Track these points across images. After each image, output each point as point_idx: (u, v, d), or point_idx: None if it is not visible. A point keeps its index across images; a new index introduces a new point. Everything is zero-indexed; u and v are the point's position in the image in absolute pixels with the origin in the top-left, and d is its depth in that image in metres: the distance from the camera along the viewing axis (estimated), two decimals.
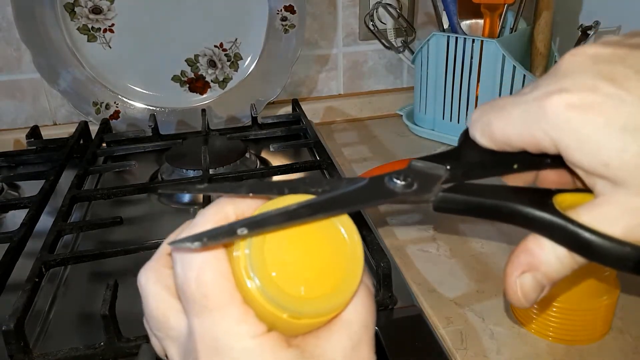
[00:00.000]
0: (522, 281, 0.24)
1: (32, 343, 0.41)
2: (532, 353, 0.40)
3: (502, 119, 0.24)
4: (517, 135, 0.24)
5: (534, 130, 0.23)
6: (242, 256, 0.21)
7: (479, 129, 0.25)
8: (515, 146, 0.24)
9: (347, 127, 0.85)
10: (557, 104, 0.22)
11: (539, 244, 0.24)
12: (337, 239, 0.23)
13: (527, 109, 0.23)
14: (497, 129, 0.24)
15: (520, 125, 0.23)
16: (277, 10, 0.74)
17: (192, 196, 0.64)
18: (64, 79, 0.73)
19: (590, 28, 0.67)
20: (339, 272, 0.22)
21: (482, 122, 0.25)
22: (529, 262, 0.24)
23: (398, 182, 0.25)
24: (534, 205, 0.23)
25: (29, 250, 0.49)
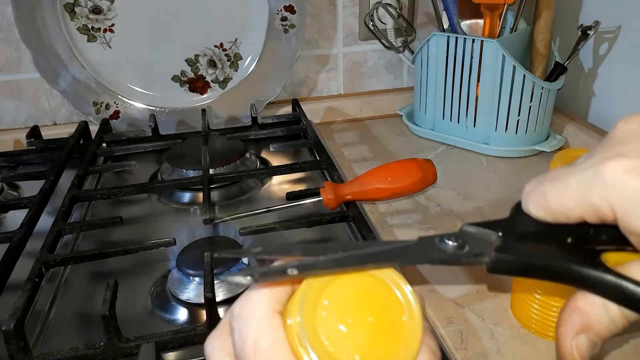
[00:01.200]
0: (578, 343, 0.24)
1: (32, 343, 0.42)
2: (532, 353, 0.40)
3: (558, 188, 0.24)
4: (575, 203, 0.23)
5: (592, 196, 0.23)
6: (295, 325, 0.21)
7: (533, 201, 0.25)
8: (572, 216, 0.24)
9: (347, 127, 0.85)
10: (614, 168, 0.22)
11: (590, 302, 0.24)
12: (392, 302, 0.22)
13: (583, 176, 0.23)
14: (552, 199, 0.24)
15: (577, 193, 0.23)
16: (277, 10, 0.74)
17: (192, 196, 0.64)
18: (64, 79, 0.73)
19: (590, 28, 0.67)
20: (396, 337, 0.22)
21: (536, 193, 0.25)
22: (583, 322, 0.24)
23: (449, 244, 0.24)
24: (585, 264, 0.23)
25: (29, 250, 0.49)
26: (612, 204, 0.22)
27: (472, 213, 0.58)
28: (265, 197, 0.64)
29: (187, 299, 0.45)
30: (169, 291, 0.46)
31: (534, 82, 0.66)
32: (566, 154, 0.39)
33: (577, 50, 0.69)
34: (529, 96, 0.67)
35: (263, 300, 0.22)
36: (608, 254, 0.24)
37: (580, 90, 0.77)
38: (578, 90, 0.77)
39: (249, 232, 0.50)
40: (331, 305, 0.22)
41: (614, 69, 0.71)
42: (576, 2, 0.75)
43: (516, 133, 0.70)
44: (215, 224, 0.54)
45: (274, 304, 0.22)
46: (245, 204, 0.62)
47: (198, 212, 0.61)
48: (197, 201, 0.63)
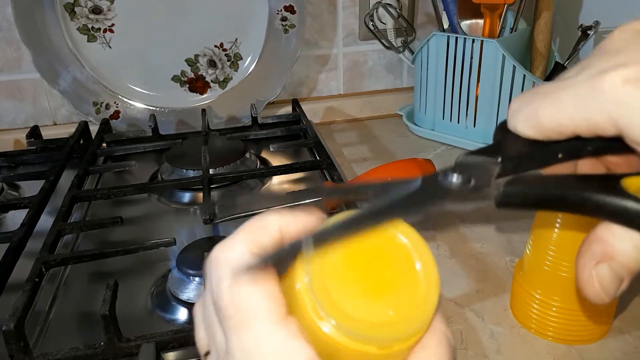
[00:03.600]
0: (599, 272, 0.22)
1: (32, 343, 0.41)
2: (532, 353, 0.40)
3: (551, 105, 0.22)
4: (570, 120, 0.22)
5: (590, 112, 0.21)
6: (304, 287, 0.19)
7: (523, 119, 0.24)
8: (566, 132, 0.22)
9: (347, 127, 0.85)
10: (614, 80, 0.20)
11: (612, 232, 0.22)
12: (402, 251, 0.21)
13: (579, 91, 0.22)
14: (545, 116, 0.23)
15: (573, 108, 0.22)
16: (277, 10, 0.74)
17: (192, 196, 0.64)
18: (64, 79, 0.73)
19: (590, 28, 0.67)
20: (413, 287, 0.20)
21: (526, 111, 0.23)
22: (603, 251, 0.22)
23: (454, 180, 0.23)
24: (603, 191, 0.21)
25: (29, 250, 0.49)
26: (613, 117, 0.21)
27: (472, 213, 0.58)
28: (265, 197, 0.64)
29: (187, 298, 0.45)
30: (169, 291, 0.46)
31: (534, 82, 0.66)
32: None
33: (577, 51, 0.69)
34: None
35: (240, 242, 0.21)
36: (629, 179, 0.22)
37: None
38: None
39: None
40: (340, 264, 0.20)
41: None
42: (576, 2, 0.75)
43: None
44: (215, 223, 0.54)
45: (253, 246, 0.21)
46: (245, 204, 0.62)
47: (198, 212, 0.61)
48: (197, 201, 0.63)
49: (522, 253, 0.43)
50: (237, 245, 0.21)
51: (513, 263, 0.49)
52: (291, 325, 0.19)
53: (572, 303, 0.39)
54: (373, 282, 0.20)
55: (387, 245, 0.21)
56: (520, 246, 0.52)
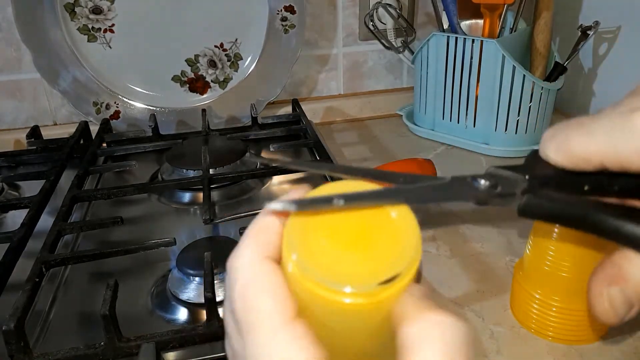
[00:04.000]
0: (611, 293, 0.23)
1: (32, 343, 0.41)
2: (532, 353, 0.40)
3: (582, 134, 0.23)
4: (599, 150, 0.22)
5: (619, 144, 0.22)
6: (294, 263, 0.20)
7: (554, 146, 0.24)
8: (594, 162, 0.23)
9: (347, 127, 0.85)
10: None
11: (628, 258, 0.23)
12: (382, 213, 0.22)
13: (611, 123, 0.22)
14: (576, 144, 0.23)
15: (603, 139, 0.22)
16: (277, 11, 0.74)
17: (192, 196, 0.64)
18: (64, 79, 0.73)
19: (590, 28, 0.67)
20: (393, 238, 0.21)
21: (558, 138, 0.24)
22: (617, 274, 0.23)
23: (482, 183, 0.24)
24: (623, 217, 0.22)
25: (29, 250, 0.49)
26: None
27: (472, 213, 0.58)
28: (265, 197, 0.64)
29: (187, 298, 0.45)
30: (169, 291, 0.46)
31: (534, 82, 0.67)
32: None
33: (576, 51, 0.69)
34: (528, 96, 0.67)
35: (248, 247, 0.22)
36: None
37: (580, 91, 0.77)
38: (578, 90, 0.77)
39: None
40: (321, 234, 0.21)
41: (613, 69, 0.71)
42: (576, 3, 0.75)
43: (516, 133, 0.70)
44: (215, 223, 0.54)
45: (262, 248, 0.22)
46: (245, 204, 0.62)
47: (198, 212, 0.61)
48: (197, 201, 0.63)
49: (522, 253, 0.43)
50: (244, 251, 0.22)
51: (513, 263, 0.49)
52: (297, 327, 0.20)
53: (572, 303, 0.39)
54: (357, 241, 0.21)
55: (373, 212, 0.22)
56: (520, 246, 0.52)
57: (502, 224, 0.56)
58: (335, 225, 0.21)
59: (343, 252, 0.21)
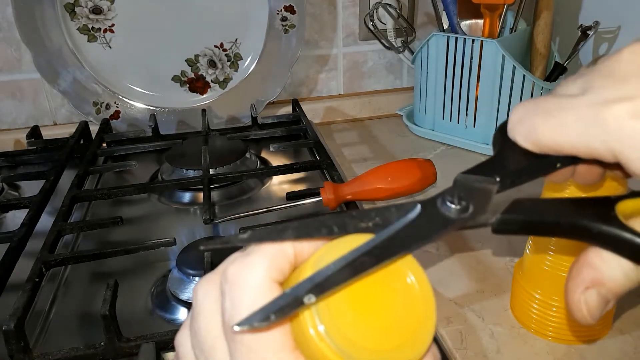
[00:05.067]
0: (587, 298, 0.23)
1: (32, 343, 0.42)
2: (532, 353, 0.40)
3: (551, 125, 0.22)
4: (569, 143, 0.22)
5: (591, 140, 0.21)
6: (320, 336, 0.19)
7: (522, 133, 0.24)
8: (563, 152, 0.23)
9: (347, 127, 0.85)
10: (619, 113, 0.20)
11: (603, 258, 0.23)
12: (405, 287, 0.22)
13: (581, 115, 0.21)
14: (545, 135, 0.23)
15: (574, 133, 0.22)
16: (277, 11, 0.75)
17: (192, 196, 0.64)
18: (64, 79, 0.73)
19: (590, 28, 0.67)
20: (410, 322, 0.21)
21: (525, 126, 0.24)
22: (593, 277, 0.23)
23: (452, 207, 0.23)
24: (597, 219, 0.22)
25: (29, 250, 0.49)
26: (614, 150, 0.21)
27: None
28: (265, 197, 0.64)
29: (188, 298, 0.45)
30: (169, 291, 0.46)
31: (534, 82, 0.67)
32: None
33: (577, 51, 0.69)
34: (528, 96, 0.67)
35: (261, 267, 0.20)
36: (624, 203, 0.23)
37: None
38: None
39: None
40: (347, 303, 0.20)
41: None
42: (576, 2, 0.75)
43: None
44: (215, 224, 0.54)
45: (274, 272, 0.20)
46: (245, 204, 0.62)
47: (198, 212, 0.61)
48: (197, 201, 0.63)
49: (522, 253, 0.43)
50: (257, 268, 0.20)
51: (513, 263, 0.49)
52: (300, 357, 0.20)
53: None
54: (379, 314, 0.21)
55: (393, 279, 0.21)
56: (520, 246, 0.52)
57: None
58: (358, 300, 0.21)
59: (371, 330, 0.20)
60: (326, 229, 0.22)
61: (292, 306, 0.19)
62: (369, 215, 0.23)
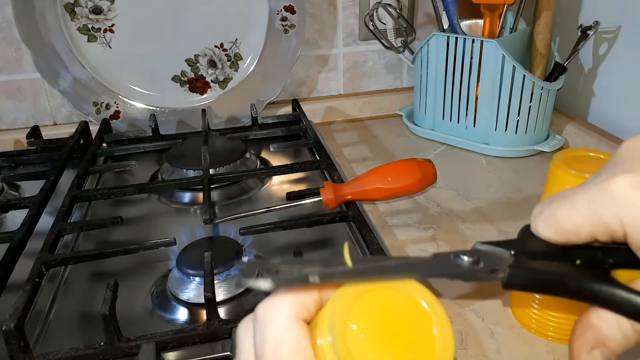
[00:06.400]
0: (593, 358, 0.24)
1: (32, 343, 0.42)
2: (532, 353, 0.40)
3: (567, 206, 0.24)
4: (584, 220, 0.24)
5: (602, 213, 0.23)
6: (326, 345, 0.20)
7: (543, 221, 0.25)
8: (582, 233, 0.24)
9: (347, 127, 0.85)
10: (621, 184, 0.22)
11: (603, 319, 0.24)
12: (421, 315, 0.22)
13: (591, 193, 0.23)
14: (562, 218, 0.24)
15: (587, 210, 0.23)
16: (277, 11, 0.75)
17: (192, 196, 0.64)
18: (64, 79, 0.73)
19: (590, 28, 0.67)
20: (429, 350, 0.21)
21: (545, 214, 0.25)
22: (597, 338, 0.24)
23: (465, 259, 0.24)
24: (596, 280, 0.24)
25: (29, 250, 0.49)
26: (621, 219, 0.22)
27: (472, 213, 0.58)
28: (265, 197, 0.64)
29: (187, 298, 0.45)
30: (169, 291, 0.46)
31: (534, 82, 0.67)
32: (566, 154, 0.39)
33: (576, 50, 0.69)
34: (528, 96, 0.67)
35: (286, 305, 0.22)
36: (618, 271, 0.25)
37: (580, 90, 0.77)
38: (578, 90, 0.77)
39: (249, 232, 0.50)
40: (361, 324, 0.21)
41: (613, 69, 0.71)
42: (576, 2, 0.75)
43: (516, 133, 0.70)
44: (215, 224, 0.54)
45: (298, 309, 0.22)
46: (245, 204, 0.62)
47: (198, 212, 0.61)
48: (197, 201, 0.63)
49: None
50: (282, 306, 0.22)
51: None
52: None
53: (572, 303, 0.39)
54: (393, 343, 0.21)
55: (407, 306, 0.22)
56: None
57: (502, 224, 0.56)
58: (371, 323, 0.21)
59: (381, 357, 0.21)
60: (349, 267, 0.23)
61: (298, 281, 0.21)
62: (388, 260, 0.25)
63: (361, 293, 0.22)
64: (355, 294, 0.22)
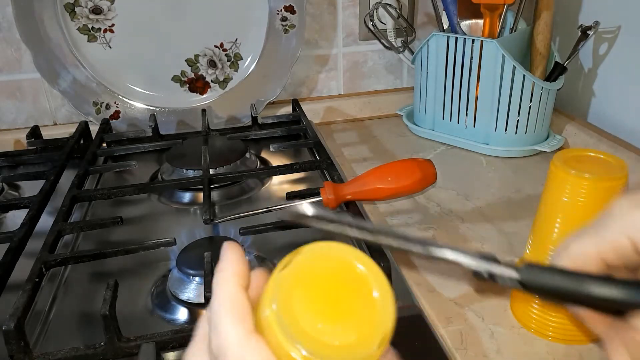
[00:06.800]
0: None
1: (32, 343, 0.42)
2: (532, 353, 0.40)
3: (578, 238, 0.27)
4: (593, 244, 0.26)
5: (608, 233, 0.26)
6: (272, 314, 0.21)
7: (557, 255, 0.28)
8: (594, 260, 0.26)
9: (347, 127, 0.85)
10: (622, 204, 0.25)
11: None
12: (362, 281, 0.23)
13: (597, 220, 0.26)
14: (573, 246, 0.27)
15: (594, 234, 0.26)
16: (277, 10, 0.74)
17: (192, 196, 0.64)
18: (64, 79, 0.73)
19: (590, 28, 0.67)
20: (371, 313, 0.22)
21: (559, 249, 0.28)
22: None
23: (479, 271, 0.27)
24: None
25: (29, 250, 0.49)
26: (629, 235, 0.25)
27: (472, 213, 0.58)
28: (265, 197, 0.64)
29: (187, 298, 0.45)
30: (169, 291, 0.46)
31: (534, 82, 0.67)
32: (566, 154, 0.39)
33: (577, 51, 0.69)
34: (528, 96, 0.67)
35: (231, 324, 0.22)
36: None
37: (580, 90, 0.77)
38: (578, 90, 0.77)
39: (249, 232, 0.50)
40: (303, 292, 0.22)
41: (613, 69, 0.71)
42: (576, 2, 0.75)
43: (516, 133, 0.70)
44: (215, 223, 0.54)
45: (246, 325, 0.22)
46: (245, 204, 0.62)
47: (198, 212, 0.61)
48: (197, 201, 0.63)
49: (522, 253, 0.43)
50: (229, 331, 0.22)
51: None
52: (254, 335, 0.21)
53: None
54: (336, 309, 0.22)
55: (347, 273, 0.23)
56: (520, 246, 0.52)
57: (502, 224, 0.56)
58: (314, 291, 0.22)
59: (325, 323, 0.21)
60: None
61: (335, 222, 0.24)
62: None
63: (301, 263, 0.22)
64: (296, 265, 0.22)
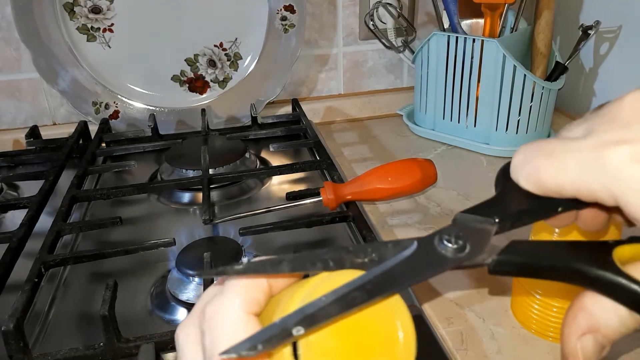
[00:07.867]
0: (584, 344, 0.23)
1: (32, 343, 0.41)
2: (533, 353, 0.40)
3: (553, 167, 0.23)
4: (571, 186, 0.22)
5: (592, 183, 0.21)
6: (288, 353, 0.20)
7: (525, 175, 0.24)
8: (565, 194, 0.23)
9: (347, 127, 0.85)
10: (620, 157, 0.20)
11: (598, 303, 0.23)
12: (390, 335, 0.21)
13: (583, 159, 0.22)
14: (547, 178, 0.23)
15: (576, 175, 0.22)
16: (277, 10, 0.74)
17: (192, 196, 0.64)
18: (63, 79, 0.73)
19: (590, 28, 0.67)
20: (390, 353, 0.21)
21: (528, 167, 0.24)
22: (589, 324, 0.23)
23: (449, 246, 0.23)
24: (594, 263, 0.22)
25: (29, 250, 0.49)
26: (614, 193, 0.21)
27: None
28: (265, 197, 0.64)
29: (187, 299, 0.45)
30: (168, 291, 0.46)
31: (535, 81, 0.66)
32: None
33: (577, 50, 0.68)
34: (529, 96, 0.67)
35: (237, 302, 0.21)
36: (621, 248, 0.23)
37: (580, 90, 0.77)
38: (579, 90, 0.77)
39: (249, 232, 0.50)
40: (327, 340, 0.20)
41: (614, 68, 0.71)
42: (577, 2, 0.75)
43: (516, 133, 0.69)
44: (215, 224, 0.54)
45: (248, 305, 0.21)
46: (245, 204, 0.62)
47: (198, 212, 0.61)
48: (197, 201, 0.63)
49: None
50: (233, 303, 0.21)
51: None
52: None
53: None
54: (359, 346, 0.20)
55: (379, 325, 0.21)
56: None
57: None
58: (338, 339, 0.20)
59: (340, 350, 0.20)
60: (321, 263, 0.22)
61: (281, 337, 0.19)
62: (365, 251, 0.23)
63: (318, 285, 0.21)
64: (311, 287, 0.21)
